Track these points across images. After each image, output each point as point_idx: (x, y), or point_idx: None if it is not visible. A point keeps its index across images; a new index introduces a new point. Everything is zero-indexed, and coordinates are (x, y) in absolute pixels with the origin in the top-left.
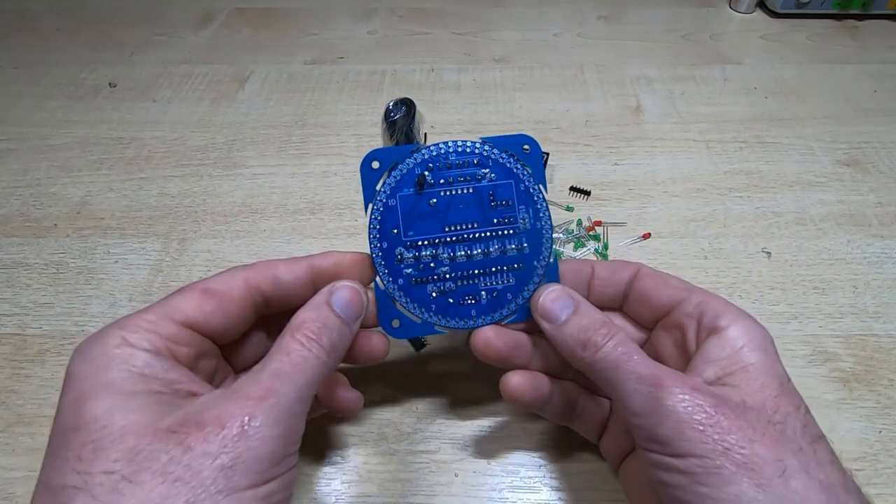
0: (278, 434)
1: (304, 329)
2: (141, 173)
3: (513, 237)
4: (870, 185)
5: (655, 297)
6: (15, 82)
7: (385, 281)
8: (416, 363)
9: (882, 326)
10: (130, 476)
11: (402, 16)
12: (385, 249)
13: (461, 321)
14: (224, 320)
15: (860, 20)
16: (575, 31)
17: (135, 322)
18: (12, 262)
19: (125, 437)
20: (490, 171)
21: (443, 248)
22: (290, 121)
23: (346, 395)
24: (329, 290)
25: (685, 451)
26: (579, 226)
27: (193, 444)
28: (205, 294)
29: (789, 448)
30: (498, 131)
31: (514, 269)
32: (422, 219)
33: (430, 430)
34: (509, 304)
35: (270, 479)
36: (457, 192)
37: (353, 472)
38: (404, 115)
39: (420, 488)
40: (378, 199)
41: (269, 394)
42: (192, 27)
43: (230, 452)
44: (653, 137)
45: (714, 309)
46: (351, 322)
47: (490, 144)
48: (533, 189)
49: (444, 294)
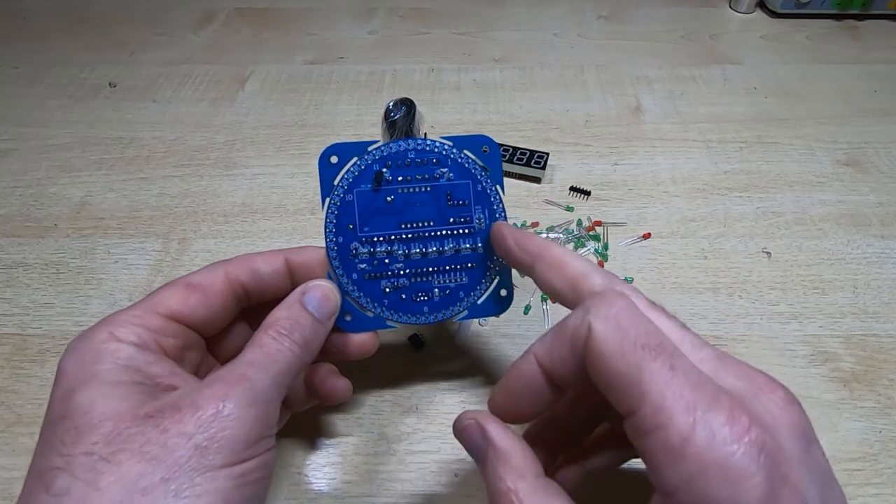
0: (253, 416)
1: (276, 326)
2: (141, 173)
3: (468, 237)
4: (870, 185)
5: (598, 384)
6: (15, 82)
7: (339, 275)
8: (417, 363)
9: (882, 326)
10: (109, 456)
11: (402, 16)
12: (340, 244)
13: (413, 317)
14: (208, 312)
15: (860, 20)
16: (575, 31)
17: (122, 318)
18: (12, 262)
19: (105, 422)
20: (448, 171)
21: (398, 245)
22: (290, 121)
23: (336, 382)
24: (302, 290)
25: None
26: (579, 226)
27: (170, 426)
28: (188, 288)
29: None
30: (498, 131)
31: (467, 268)
32: (378, 215)
33: (430, 430)
34: (461, 302)
35: (246, 459)
36: (414, 190)
37: (354, 472)
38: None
39: (420, 488)
40: (335, 194)
41: (242, 379)
42: (192, 27)
43: (205, 433)
44: (653, 137)
45: (661, 450)
46: (324, 319)
47: (450, 144)
48: (490, 190)
49: (398, 290)
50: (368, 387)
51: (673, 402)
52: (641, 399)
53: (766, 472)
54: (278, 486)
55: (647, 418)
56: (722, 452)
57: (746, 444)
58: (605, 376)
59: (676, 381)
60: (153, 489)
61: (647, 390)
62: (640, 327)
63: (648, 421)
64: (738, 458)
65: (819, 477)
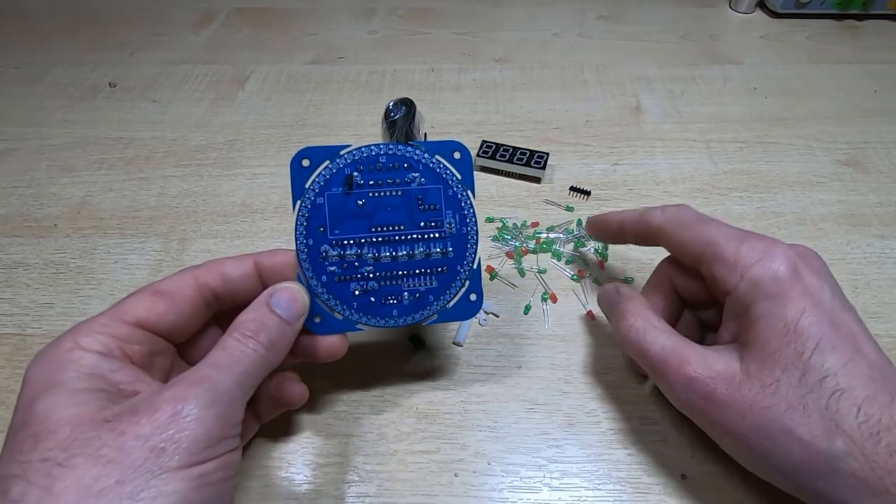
0: (213, 416)
1: (241, 328)
2: (141, 173)
3: (438, 241)
4: (870, 185)
5: (679, 256)
6: (15, 82)
7: (308, 277)
8: (416, 363)
9: (882, 326)
10: (64, 461)
11: (402, 16)
12: (311, 246)
13: (382, 320)
14: (177, 318)
15: (860, 20)
16: (575, 31)
17: (88, 326)
18: (12, 262)
19: (62, 428)
20: (420, 176)
21: (368, 248)
22: (290, 121)
23: (293, 387)
24: (269, 292)
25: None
26: (579, 226)
27: (126, 429)
28: (155, 295)
29: (775, 411)
30: (498, 131)
31: (437, 272)
32: (349, 218)
33: (430, 430)
34: (431, 306)
35: (206, 460)
36: (385, 194)
37: (353, 472)
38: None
39: (420, 488)
40: (306, 197)
41: (203, 379)
42: (192, 27)
43: (162, 434)
44: (653, 137)
45: (722, 267)
46: (292, 321)
47: (421, 149)
48: (461, 195)
49: (367, 293)
50: (368, 387)
51: (724, 239)
52: (705, 245)
53: (791, 262)
54: (278, 486)
55: (712, 257)
56: (759, 254)
57: (777, 251)
58: (679, 247)
59: (724, 228)
60: (108, 492)
61: (708, 238)
62: (691, 213)
63: (709, 254)
64: (772, 254)
65: (828, 280)
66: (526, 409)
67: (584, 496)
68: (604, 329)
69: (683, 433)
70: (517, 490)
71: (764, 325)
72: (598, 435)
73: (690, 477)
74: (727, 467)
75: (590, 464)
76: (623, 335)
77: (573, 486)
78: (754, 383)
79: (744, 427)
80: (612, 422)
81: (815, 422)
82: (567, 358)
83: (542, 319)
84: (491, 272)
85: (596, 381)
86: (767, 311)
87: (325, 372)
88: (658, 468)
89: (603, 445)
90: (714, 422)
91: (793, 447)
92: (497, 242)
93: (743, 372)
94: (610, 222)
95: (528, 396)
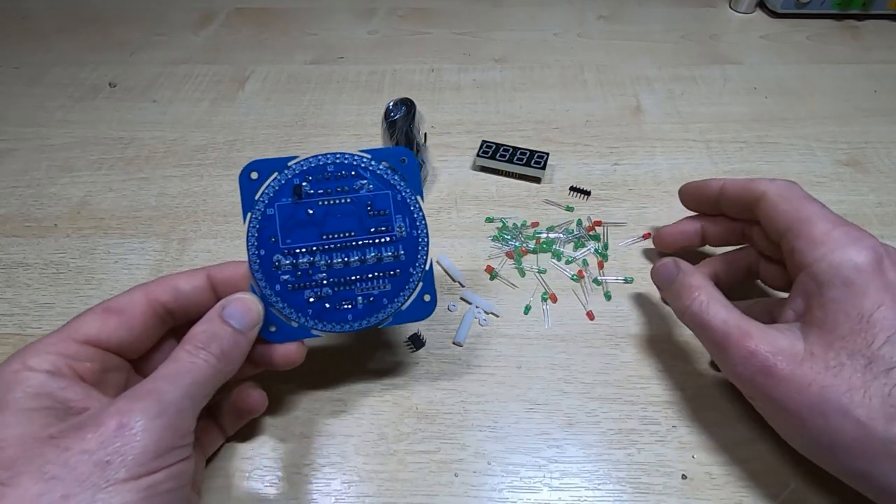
0: (160, 427)
1: (193, 340)
2: (141, 173)
3: (389, 245)
4: (870, 185)
5: (768, 225)
6: (15, 82)
7: (262, 287)
8: (416, 363)
9: None
10: (7, 480)
11: (402, 16)
12: (262, 256)
13: (338, 325)
14: (128, 334)
15: (860, 20)
16: (575, 31)
17: (37, 347)
18: (12, 262)
19: (7, 448)
20: (368, 182)
21: (320, 256)
22: (290, 121)
23: (251, 394)
24: (222, 304)
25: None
26: (579, 226)
27: (71, 445)
28: (106, 312)
29: (835, 391)
30: (498, 131)
31: (390, 275)
32: (300, 227)
33: (430, 430)
34: (385, 309)
35: (154, 471)
36: (335, 202)
37: (353, 472)
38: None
39: (420, 488)
40: (256, 209)
41: (150, 392)
42: (192, 27)
43: (107, 448)
44: (653, 137)
45: (807, 242)
46: (246, 330)
47: (368, 157)
48: (410, 199)
49: (321, 299)
50: (368, 387)
51: (820, 219)
52: (799, 220)
53: (877, 255)
54: (278, 486)
55: (803, 230)
56: (849, 241)
57: (867, 242)
58: (775, 214)
59: (825, 210)
60: None
61: (805, 214)
62: (798, 190)
63: (798, 228)
64: (861, 244)
65: None
66: (526, 409)
67: (584, 496)
68: (604, 329)
69: (684, 433)
70: (517, 490)
71: (837, 309)
72: (598, 435)
73: (690, 477)
74: (727, 467)
75: (590, 464)
76: (685, 306)
77: (573, 486)
78: (817, 363)
79: (799, 403)
80: (612, 422)
81: (876, 406)
82: (567, 358)
83: (542, 319)
84: (491, 272)
85: (596, 381)
86: (842, 296)
87: (325, 372)
88: (658, 468)
89: (603, 445)
90: (769, 396)
91: (848, 427)
92: (497, 242)
93: (806, 351)
94: (709, 186)
95: (528, 396)
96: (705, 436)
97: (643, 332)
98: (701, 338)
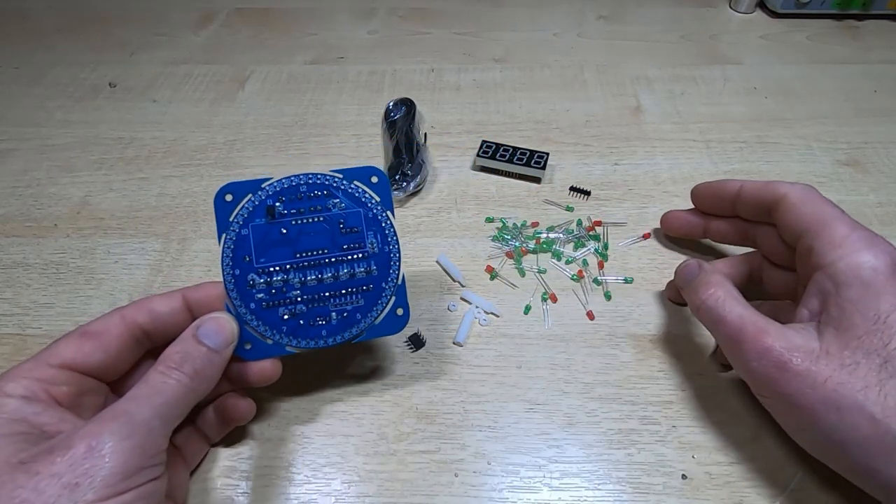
0: (130, 448)
1: (166, 361)
2: (141, 173)
3: (362, 261)
4: (870, 185)
5: (786, 227)
6: (15, 82)
7: (237, 306)
8: (416, 363)
9: None
10: None
11: (402, 16)
12: (237, 276)
13: (312, 341)
14: (104, 357)
15: (860, 20)
16: (575, 31)
17: (13, 373)
18: (12, 262)
19: None
20: (340, 201)
21: (294, 273)
22: (290, 121)
23: (237, 403)
24: (196, 324)
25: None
26: (579, 226)
27: (41, 469)
28: (82, 336)
29: (850, 388)
30: (498, 131)
31: (363, 290)
32: (274, 246)
33: (430, 430)
34: (359, 324)
35: (123, 491)
36: (308, 221)
37: (353, 472)
38: (404, 115)
39: (420, 488)
40: (231, 230)
41: (120, 413)
42: (192, 27)
43: (76, 470)
44: (653, 137)
45: (826, 243)
46: (220, 349)
47: (339, 176)
48: (381, 216)
49: (296, 316)
50: (368, 387)
51: (839, 222)
52: (818, 222)
53: (892, 257)
54: (279, 486)
55: (822, 231)
56: (867, 244)
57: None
58: (795, 215)
59: (844, 215)
60: None
61: (826, 217)
62: (818, 194)
63: (817, 230)
64: (879, 248)
65: None
66: (526, 409)
67: (584, 496)
68: (604, 329)
69: (684, 433)
70: (517, 490)
71: (854, 309)
72: (598, 435)
73: (690, 477)
74: (727, 467)
75: (590, 464)
76: (702, 301)
77: (573, 486)
78: (832, 360)
79: (813, 398)
80: (612, 422)
81: (891, 403)
82: (567, 358)
83: (542, 319)
84: (491, 272)
85: (596, 381)
86: (860, 296)
87: (325, 372)
88: (658, 468)
89: (603, 445)
90: (782, 392)
91: (861, 423)
92: (497, 242)
93: (822, 349)
94: (726, 187)
95: (528, 396)
96: (705, 436)
97: (643, 332)
98: (715, 333)
